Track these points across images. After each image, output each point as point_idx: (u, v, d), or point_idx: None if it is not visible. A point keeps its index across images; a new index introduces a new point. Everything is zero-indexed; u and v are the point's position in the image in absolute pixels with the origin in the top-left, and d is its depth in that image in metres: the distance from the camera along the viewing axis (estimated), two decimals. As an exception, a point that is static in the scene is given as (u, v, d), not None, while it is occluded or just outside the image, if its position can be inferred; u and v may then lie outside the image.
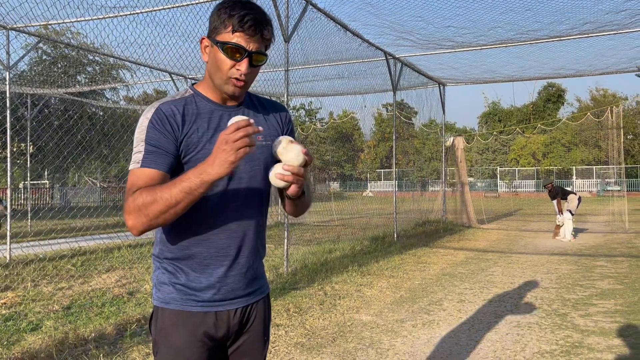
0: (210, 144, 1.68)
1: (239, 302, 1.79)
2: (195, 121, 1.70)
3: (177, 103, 1.71)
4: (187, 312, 1.73)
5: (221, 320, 1.76)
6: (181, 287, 1.74)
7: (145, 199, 1.52)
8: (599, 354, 4.42)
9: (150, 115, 1.66)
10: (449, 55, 12.48)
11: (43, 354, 4.31)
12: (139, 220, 1.54)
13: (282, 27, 7.69)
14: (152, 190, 1.53)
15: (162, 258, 1.77)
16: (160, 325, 1.75)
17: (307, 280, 7.37)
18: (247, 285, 1.81)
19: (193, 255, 1.72)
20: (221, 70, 1.66)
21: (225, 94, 1.72)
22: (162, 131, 1.64)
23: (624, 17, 9.29)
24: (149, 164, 1.61)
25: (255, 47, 1.65)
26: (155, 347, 1.77)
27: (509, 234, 14.23)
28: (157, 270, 1.79)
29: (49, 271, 8.18)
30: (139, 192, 1.55)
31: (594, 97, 47.24)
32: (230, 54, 1.63)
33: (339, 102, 33.15)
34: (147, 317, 5.42)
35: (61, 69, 20.54)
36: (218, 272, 1.74)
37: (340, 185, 51.31)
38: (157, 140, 1.63)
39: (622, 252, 10.33)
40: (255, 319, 1.86)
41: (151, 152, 1.62)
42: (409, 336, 4.99)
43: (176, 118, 1.67)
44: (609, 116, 18.31)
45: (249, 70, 1.66)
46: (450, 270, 8.50)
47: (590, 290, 6.87)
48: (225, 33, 1.64)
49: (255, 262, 1.83)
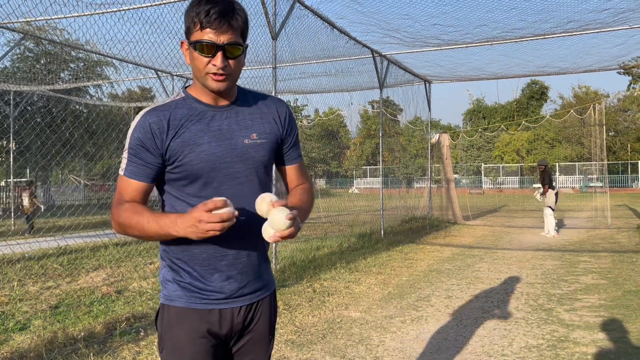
0: (198, 147, 1.70)
1: (243, 300, 1.81)
2: (184, 125, 1.71)
3: (164, 109, 1.73)
4: (191, 309, 1.75)
5: (225, 318, 1.78)
6: (185, 284, 1.76)
7: (126, 220, 1.67)
8: (584, 347, 4.51)
9: (136, 124, 1.71)
10: (435, 53, 12.56)
11: (32, 353, 4.30)
12: (120, 230, 1.72)
13: (270, 25, 7.69)
14: (134, 214, 1.66)
15: (166, 257, 1.80)
16: (166, 322, 1.77)
17: (296, 278, 7.40)
18: (250, 283, 1.82)
19: (195, 254, 1.74)
20: (199, 69, 1.68)
21: (212, 92, 1.73)
22: (144, 141, 1.69)
23: (606, 16, 9.42)
24: (130, 174, 1.72)
25: (226, 39, 1.64)
26: (161, 344, 1.79)
27: (494, 230, 14.38)
28: (163, 268, 1.82)
29: (36, 270, 8.12)
30: (124, 209, 1.68)
31: (577, 94, 47.77)
32: (202, 51, 1.65)
33: (326, 100, 33.15)
34: (137, 316, 5.42)
35: (44, 65, 20.29)
36: (220, 270, 1.76)
37: (327, 182, 51.35)
38: (137, 151, 1.70)
39: (605, 248, 10.50)
40: (260, 317, 1.87)
41: (132, 162, 1.71)
42: (398, 332, 5.04)
43: (161, 125, 1.69)
44: (591, 113, 18.55)
45: (225, 64, 1.66)
46: (437, 266, 8.58)
47: (575, 286, 6.99)
48: (196, 32, 1.65)
49: (258, 260, 1.84)
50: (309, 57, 11.50)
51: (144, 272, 7.94)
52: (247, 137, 1.78)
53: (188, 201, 1.73)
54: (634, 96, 42.46)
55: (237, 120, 1.78)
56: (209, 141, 1.71)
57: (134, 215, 1.65)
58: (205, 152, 1.71)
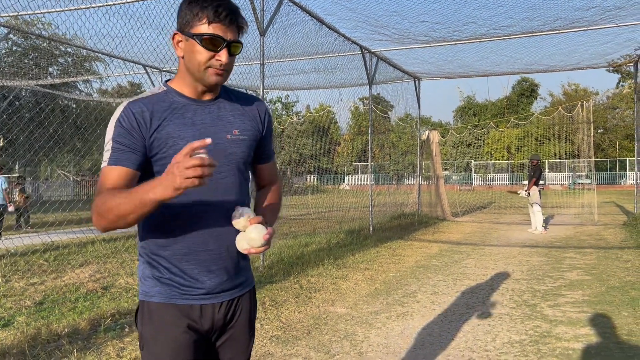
0: (182, 140, 1.68)
1: (223, 296, 1.80)
2: (167, 118, 1.70)
3: (147, 101, 1.71)
4: (171, 305, 1.74)
5: (205, 313, 1.77)
6: (165, 280, 1.75)
7: (104, 204, 1.55)
8: (566, 342, 4.56)
9: (118, 115, 1.68)
10: (424, 49, 12.59)
11: (15, 349, 4.27)
12: (100, 222, 1.59)
13: (258, 21, 7.68)
14: (112, 197, 1.55)
15: (144, 253, 1.78)
16: (146, 318, 1.76)
17: (283, 274, 7.41)
18: (230, 278, 1.81)
19: (173, 250, 1.73)
20: (200, 62, 1.67)
21: (207, 85, 1.72)
22: (129, 130, 1.66)
23: (593, 14, 9.49)
24: (115, 161, 1.64)
25: (232, 37, 1.68)
26: (142, 341, 1.77)
27: (483, 226, 14.46)
28: (142, 264, 1.80)
29: (21, 266, 8.06)
30: (103, 196, 1.59)
31: (566, 91, 48.06)
32: (209, 45, 1.65)
33: (316, 96, 33.18)
34: (122, 312, 5.40)
35: (32, 60, 20.12)
36: (200, 265, 1.75)
37: (317, 178, 51.38)
38: (124, 137, 1.66)
39: (590, 244, 10.59)
40: (240, 313, 1.86)
41: (118, 149, 1.65)
42: (383, 328, 5.06)
43: (144, 115, 1.67)
44: (579, 111, 18.68)
45: (229, 60, 1.69)
46: (424, 262, 8.62)
47: (560, 282, 7.05)
48: (200, 25, 1.65)
49: (238, 255, 1.82)
50: (297, 54, 11.50)
51: (131, 269, 7.91)
52: (230, 133, 1.78)
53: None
54: (623, 94, 42.78)
55: (220, 116, 1.78)
56: (192, 134, 1.70)
57: (112, 198, 1.55)
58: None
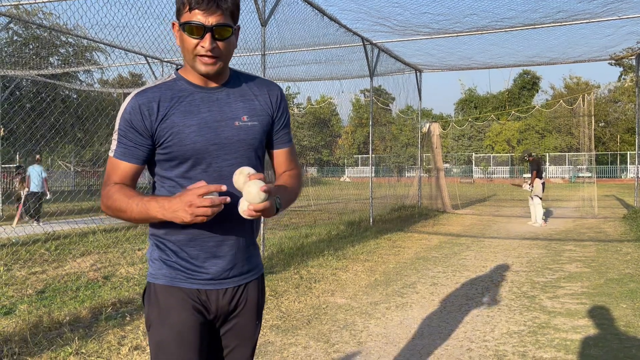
0: (187, 129, 1.69)
1: (228, 283, 1.80)
2: (173, 106, 1.70)
3: (155, 89, 1.72)
4: (177, 288, 1.75)
5: (210, 299, 1.78)
6: (171, 263, 1.76)
7: (114, 203, 1.68)
8: (564, 333, 4.59)
9: (125, 106, 1.71)
10: (426, 41, 12.56)
11: (17, 337, 4.31)
12: (108, 213, 1.74)
13: (259, 11, 7.66)
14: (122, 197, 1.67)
15: (154, 236, 1.80)
16: (153, 299, 1.77)
17: (283, 265, 7.44)
18: (237, 265, 1.81)
19: (180, 236, 1.74)
20: (189, 50, 1.67)
21: (200, 75, 1.71)
22: (132, 124, 1.69)
23: (595, 7, 9.46)
24: (120, 155, 1.71)
25: (215, 21, 1.62)
26: (148, 322, 1.78)
27: (483, 219, 14.49)
28: (151, 246, 1.82)
29: (22, 255, 8.10)
30: (113, 191, 1.69)
31: (568, 85, 47.91)
32: (192, 32, 1.64)
33: (317, 88, 33.15)
34: (123, 301, 5.44)
35: (33, 50, 20.08)
36: (207, 251, 1.75)
37: (318, 170, 51.35)
38: (126, 133, 1.70)
39: (590, 237, 10.61)
40: (247, 302, 1.85)
41: (122, 143, 1.71)
42: (382, 318, 5.09)
43: (151, 106, 1.68)
44: (581, 104, 18.65)
45: (214, 45, 1.64)
46: (424, 254, 8.65)
47: (559, 274, 7.07)
48: (185, 13, 1.64)
49: (246, 242, 1.83)
50: (299, 45, 11.48)
51: (132, 258, 7.95)
52: (238, 119, 1.76)
53: (177, 181, 1.73)
54: (625, 87, 42.66)
55: (228, 102, 1.76)
56: (198, 123, 1.70)
57: (123, 198, 1.65)
58: (194, 133, 1.69)
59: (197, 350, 1.74)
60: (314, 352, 4.17)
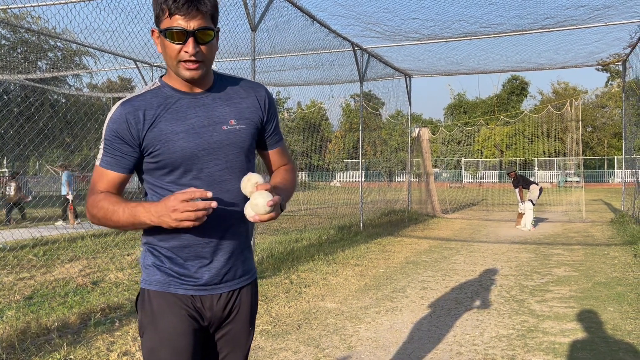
0: (175, 136, 1.68)
1: (222, 288, 1.80)
2: (159, 114, 1.70)
3: (140, 99, 1.71)
4: (170, 294, 1.74)
5: (204, 305, 1.77)
6: (165, 269, 1.75)
7: (100, 211, 1.68)
8: (552, 337, 4.62)
9: (111, 115, 1.70)
10: (415, 47, 12.63)
11: (4, 343, 4.27)
12: (94, 221, 1.73)
13: (249, 16, 7.67)
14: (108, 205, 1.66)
15: (147, 242, 1.79)
16: (146, 305, 1.76)
17: (274, 269, 7.43)
18: (231, 270, 1.81)
19: (175, 240, 1.74)
20: (171, 57, 1.66)
21: (185, 80, 1.70)
22: (119, 134, 1.68)
23: (582, 13, 9.57)
24: (107, 165, 1.72)
25: (196, 25, 1.62)
26: (141, 328, 1.78)
27: (472, 223, 14.55)
28: (144, 252, 1.81)
29: (10, 261, 8.02)
30: (98, 199, 1.68)
31: (556, 90, 48.35)
32: (173, 38, 1.63)
33: (307, 92, 33.10)
34: (112, 307, 5.41)
35: (21, 54, 19.96)
36: (201, 256, 1.75)
37: (308, 175, 51.34)
38: (113, 141, 1.70)
39: (578, 241, 10.70)
40: (241, 307, 1.85)
41: (108, 152, 1.71)
42: (372, 322, 5.10)
43: (137, 115, 1.68)
44: (569, 109, 18.82)
45: (197, 50, 1.63)
46: (414, 258, 8.67)
47: (547, 277, 7.13)
48: (165, 19, 1.63)
49: (240, 247, 1.83)
50: (289, 50, 11.49)
51: (121, 264, 7.90)
52: (226, 124, 1.75)
53: (169, 188, 1.72)
54: (612, 92, 43.10)
55: (214, 107, 1.75)
56: (186, 129, 1.69)
57: (109, 206, 1.65)
58: (183, 139, 1.69)
59: (190, 357, 1.73)
60: (304, 357, 4.17)
